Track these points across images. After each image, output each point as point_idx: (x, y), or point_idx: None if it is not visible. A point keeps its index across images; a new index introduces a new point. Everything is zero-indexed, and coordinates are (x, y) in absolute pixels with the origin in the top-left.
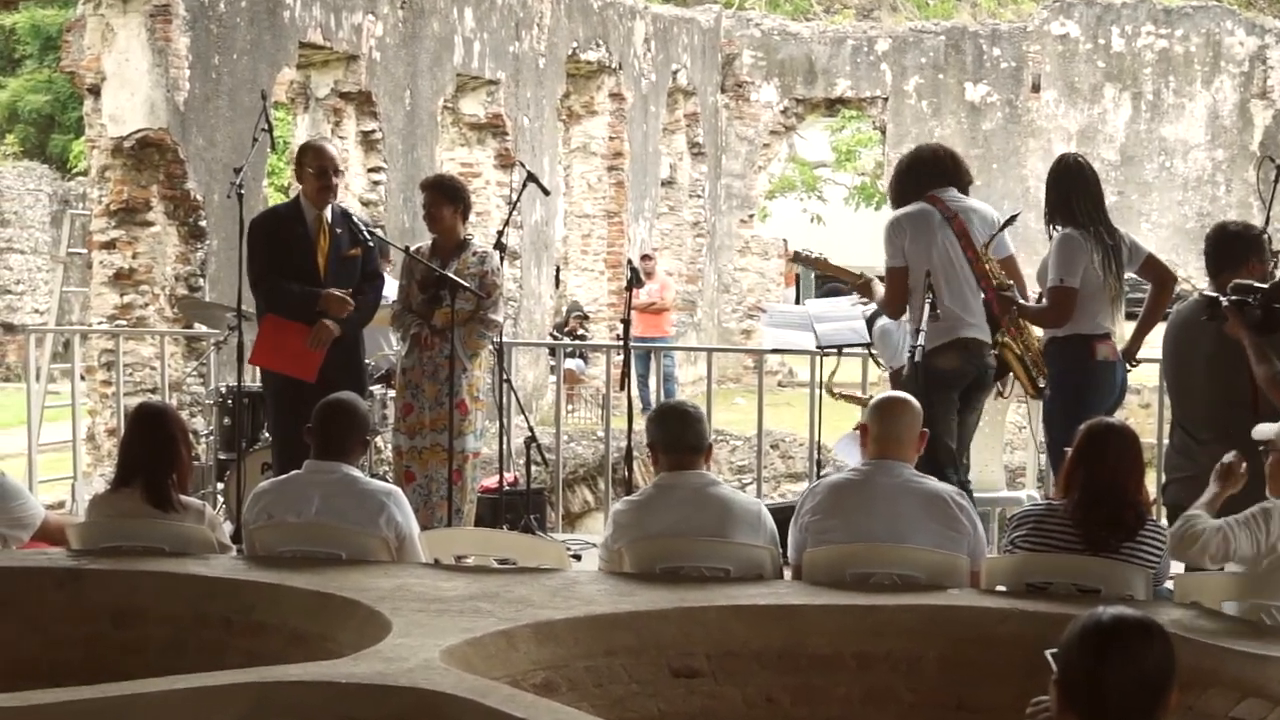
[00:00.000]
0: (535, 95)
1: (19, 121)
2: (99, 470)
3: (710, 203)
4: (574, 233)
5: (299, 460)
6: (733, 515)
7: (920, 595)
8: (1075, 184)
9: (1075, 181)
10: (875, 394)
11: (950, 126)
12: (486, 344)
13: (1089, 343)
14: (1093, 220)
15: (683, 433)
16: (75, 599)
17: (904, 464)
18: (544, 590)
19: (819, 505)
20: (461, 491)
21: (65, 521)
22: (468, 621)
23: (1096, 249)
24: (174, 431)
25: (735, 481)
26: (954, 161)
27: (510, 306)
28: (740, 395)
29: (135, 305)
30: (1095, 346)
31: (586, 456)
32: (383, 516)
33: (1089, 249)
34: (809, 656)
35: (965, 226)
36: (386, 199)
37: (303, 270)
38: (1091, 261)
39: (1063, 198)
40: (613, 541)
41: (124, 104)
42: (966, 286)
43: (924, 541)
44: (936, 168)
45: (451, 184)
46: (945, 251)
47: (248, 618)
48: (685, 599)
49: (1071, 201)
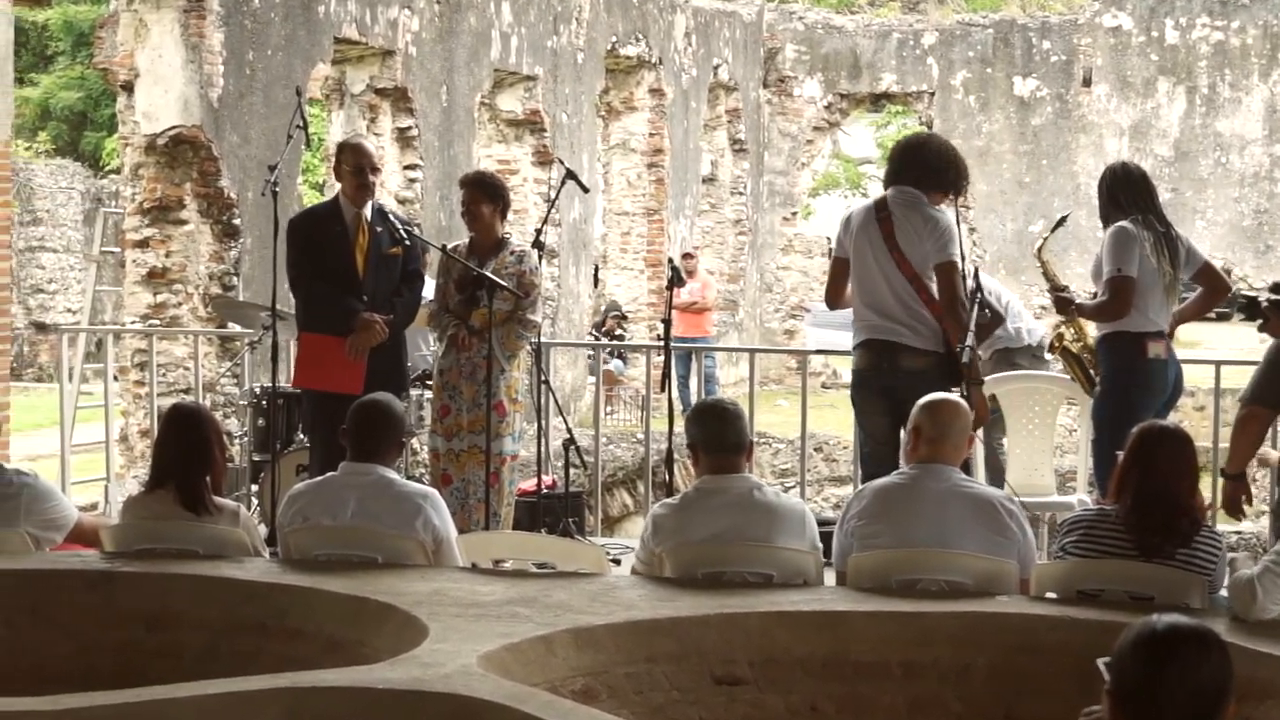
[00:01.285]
0: (574, 91)
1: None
2: (132, 472)
3: (752, 200)
4: (613, 231)
5: (335, 462)
6: (776, 519)
7: (968, 602)
8: (1120, 182)
9: (1120, 180)
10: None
11: (998, 122)
12: (525, 345)
13: (1140, 340)
14: (1141, 209)
15: (723, 431)
16: (108, 602)
17: (952, 468)
18: (583, 595)
19: (865, 510)
20: (499, 494)
21: (98, 523)
22: (505, 626)
23: (1147, 235)
24: (208, 433)
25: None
26: (920, 156)
27: (548, 306)
28: (783, 397)
29: (169, 304)
30: (1147, 344)
31: (626, 459)
32: (419, 519)
33: (1140, 237)
34: (854, 664)
35: (892, 228)
36: (422, 196)
37: (342, 270)
38: (1144, 249)
39: (1111, 198)
40: (654, 545)
41: (157, 101)
42: (884, 287)
43: (972, 547)
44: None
45: (491, 181)
46: (862, 249)
47: (282, 622)
48: (727, 604)
49: (1120, 199)
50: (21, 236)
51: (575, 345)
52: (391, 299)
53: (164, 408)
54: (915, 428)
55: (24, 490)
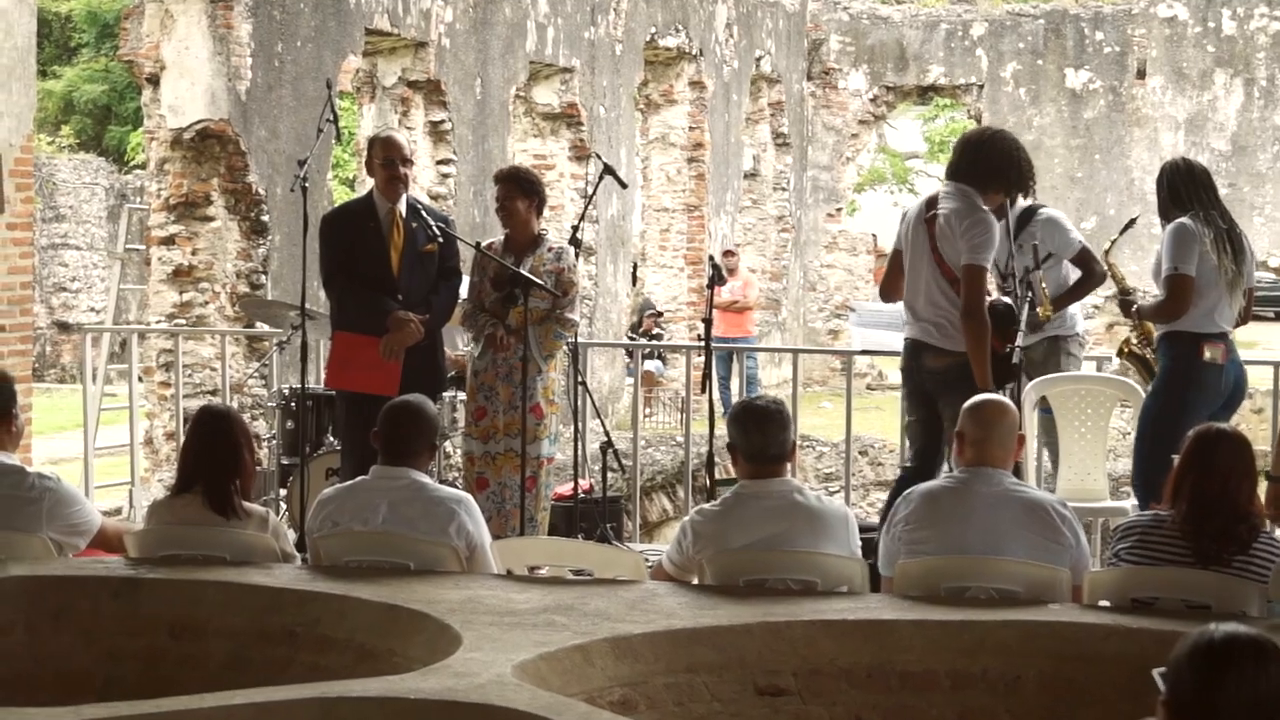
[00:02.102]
0: (612, 83)
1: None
2: (157, 475)
3: (795, 196)
4: (652, 227)
5: (367, 466)
6: (819, 525)
7: (1019, 610)
8: (1181, 177)
9: (1181, 175)
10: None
11: (1050, 115)
12: (562, 345)
13: (1197, 342)
14: (1202, 205)
15: (764, 444)
16: (132, 610)
17: (1002, 471)
18: (621, 603)
19: (912, 514)
20: (535, 499)
21: (122, 528)
22: (541, 635)
23: (1207, 231)
24: (237, 435)
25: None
26: (980, 153)
27: (586, 305)
28: (827, 398)
29: (195, 303)
30: (1203, 346)
31: (665, 463)
32: (453, 525)
33: (1199, 234)
34: (900, 675)
35: (935, 228)
36: (456, 192)
37: (376, 267)
38: (1203, 245)
39: (1171, 194)
40: (693, 552)
41: (184, 94)
42: (921, 286)
43: (1023, 553)
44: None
45: (527, 176)
46: (909, 246)
47: (312, 631)
48: (770, 613)
49: (1180, 193)
50: (44, 234)
51: (613, 345)
52: (428, 297)
53: (190, 409)
54: (960, 431)
55: (46, 494)
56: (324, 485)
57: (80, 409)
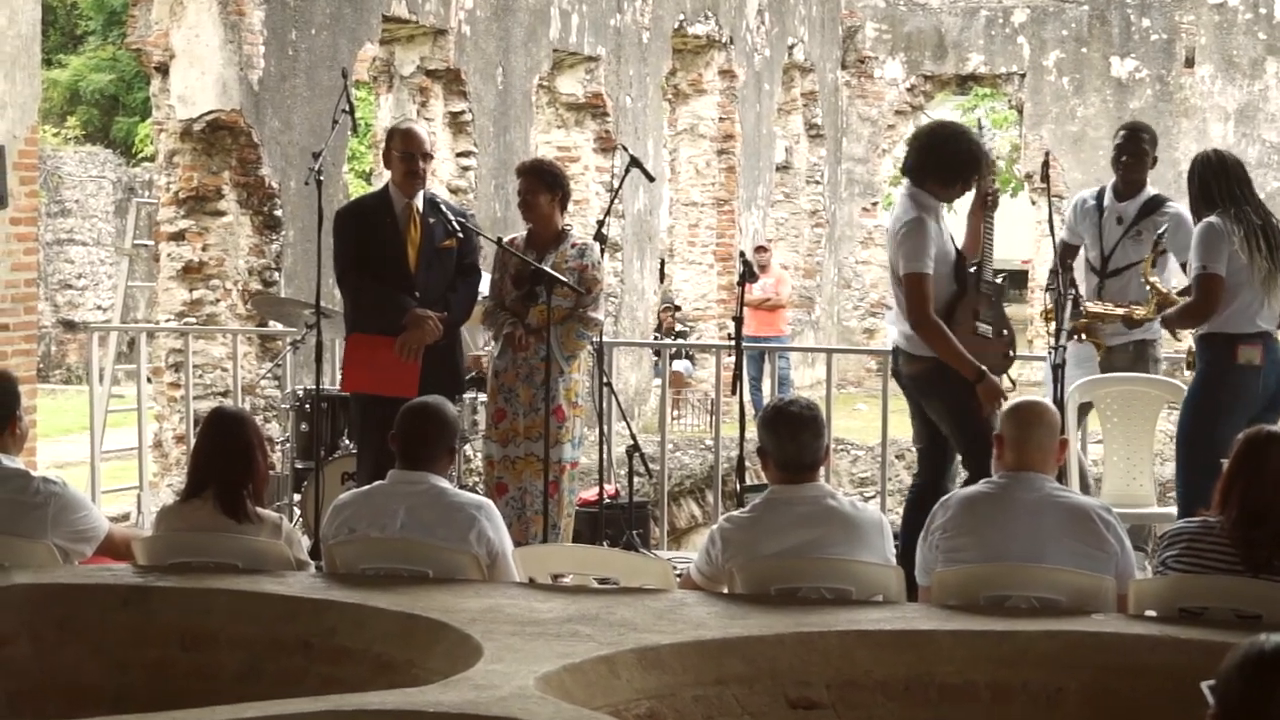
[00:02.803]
0: (638, 72)
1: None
2: (166, 480)
3: (830, 190)
4: (680, 222)
5: (383, 470)
6: (854, 531)
7: (1061, 620)
8: (1210, 171)
9: (1214, 169)
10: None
11: (1094, 105)
12: (586, 344)
13: (1233, 343)
14: (1234, 201)
15: (798, 453)
16: (141, 619)
17: (1043, 475)
18: (648, 612)
19: (950, 521)
20: (558, 505)
21: (130, 535)
22: (565, 646)
23: (1237, 229)
24: (250, 438)
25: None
26: (916, 146)
27: (611, 303)
28: (862, 400)
29: (205, 301)
30: (1238, 348)
31: (694, 467)
32: (473, 531)
33: (1227, 232)
34: (939, 687)
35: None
36: (477, 186)
37: (392, 264)
38: (1232, 244)
39: (1202, 189)
40: (723, 560)
41: (194, 84)
42: (894, 291)
43: (1065, 561)
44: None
45: (549, 169)
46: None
47: (328, 641)
48: (803, 623)
49: (1211, 189)
50: (49, 229)
51: (640, 345)
52: (446, 295)
53: (200, 411)
54: (998, 435)
55: (52, 499)
56: (339, 490)
57: (86, 411)
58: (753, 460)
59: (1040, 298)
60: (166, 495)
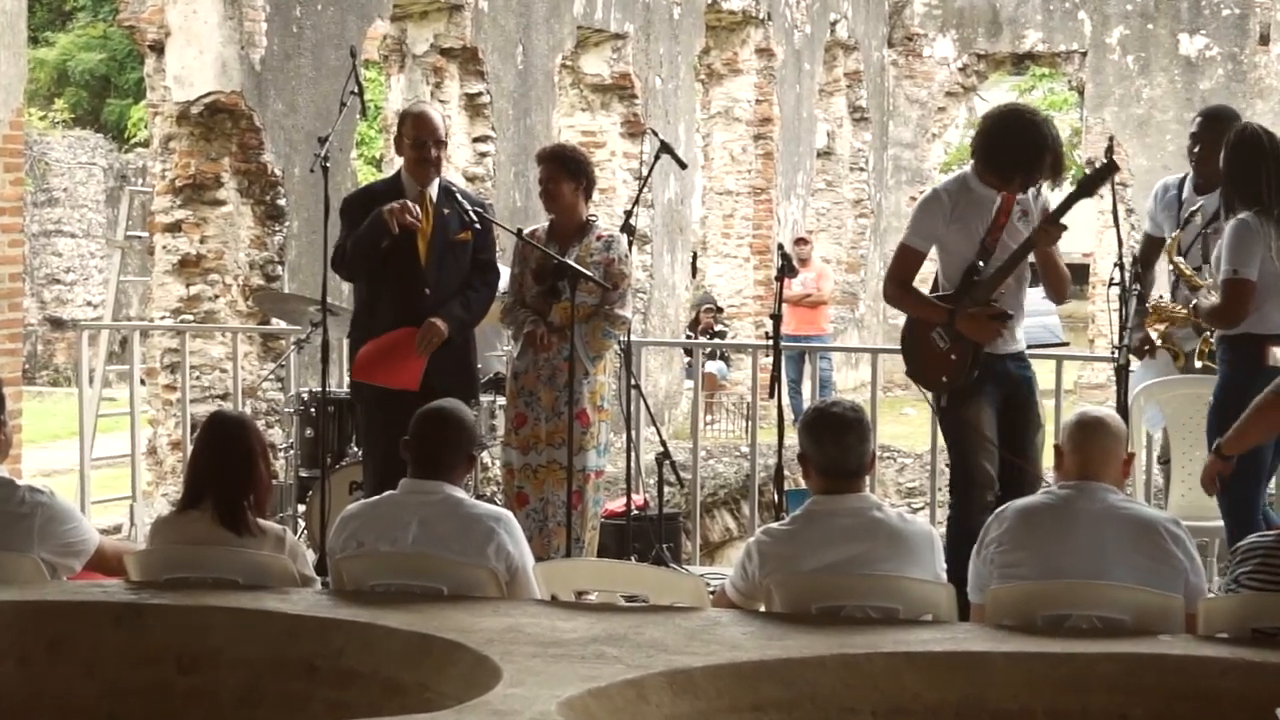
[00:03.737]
0: (669, 51)
1: (69, 84)
2: (161, 489)
3: (875, 177)
4: (714, 213)
5: (394, 479)
6: (902, 545)
7: (1125, 642)
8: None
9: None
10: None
11: (1161, 86)
12: (612, 344)
13: (1262, 344)
14: (1273, 188)
15: (842, 458)
16: (135, 639)
17: (1107, 486)
18: (679, 632)
19: (1005, 534)
20: (582, 517)
21: (123, 548)
22: (590, 669)
23: (1276, 233)
24: (251, 445)
25: (904, 506)
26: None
27: (639, 299)
28: (910, 404)
29: (203, 297)
30: (1268, 349)
31: (728, 476)
32: (491, 545)
33: (1263, 233)
34: (992, 713)
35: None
36: (495, 173)
37: (402, 258)
38: (1269, 249)
39: (1243, 173)
40: (760, 576)
41: (191, 63)
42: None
43: (1130, 577)
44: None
45: (573, 156)
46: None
47: (335, 663)
48: (846, 644)
49: (1256, 177)
50: (35, 219)
51: (670, 344)
52: (465, 292)
53: (197, 415)
54: (1060, 442)
55: (38, 510)
56: (347, 500)
57: (75, 415)
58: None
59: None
60: (162, 506)
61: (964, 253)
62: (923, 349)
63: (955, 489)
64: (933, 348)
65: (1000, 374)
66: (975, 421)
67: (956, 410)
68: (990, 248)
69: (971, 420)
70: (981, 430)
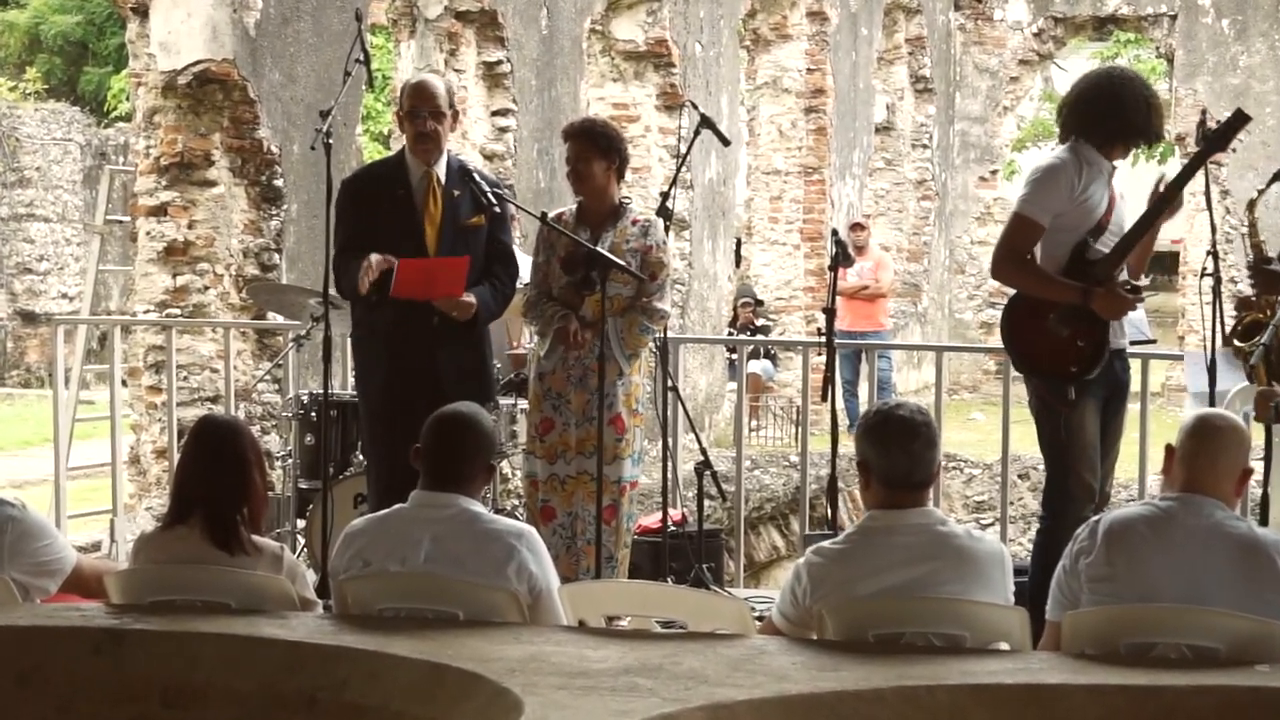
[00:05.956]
0: (710, 15)
1: (42, 50)
2: (145, 502)
3: (940, 155)
4: (760, 195)
5: (403, 491)
6: (969, 566)
7: (1220, 674)
8: None
9: None
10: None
11: (1260, 53)
12: (649, 341)
13: None
14: None
15: (909, 467)
16: (116, 669)
17: (1216, 501)
18: (721, 662)
19: (1098, 546)
20: (615, 533)
21: (103, 568)
22: (621, 703)
23: None
24: (245, 453)
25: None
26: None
27: (677, 292)
28: (978, 409)
29: (192, 289)
30: None
31: (776, 488)
32: (511, 565)
33: None
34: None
35: None
36: (515, 151)
37: (406, 245)
38: None
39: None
40: (811, 600)
41: (178, 28)
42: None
43: (1230, 602)
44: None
45: (604, 131)
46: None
47: (338, 696)
48: (906, 675)
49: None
50: (5, 202)
51: (712, 341)
52: (491, 280)
53: (185, 420)
54: (1169, 446)
55: (8, 525)
56: (352, 515)
57: (49, 420)
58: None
59: (1194, 285)
60: (145, 521)
61: (1080, 229)
62: (1037, 337)
63: (1050, 503)
64: (1050, 335)
65: (1106, 372)
66: (1081, 426)
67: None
68: (1105, 224)
69: (1077, 424)
70: (1088, 437)
